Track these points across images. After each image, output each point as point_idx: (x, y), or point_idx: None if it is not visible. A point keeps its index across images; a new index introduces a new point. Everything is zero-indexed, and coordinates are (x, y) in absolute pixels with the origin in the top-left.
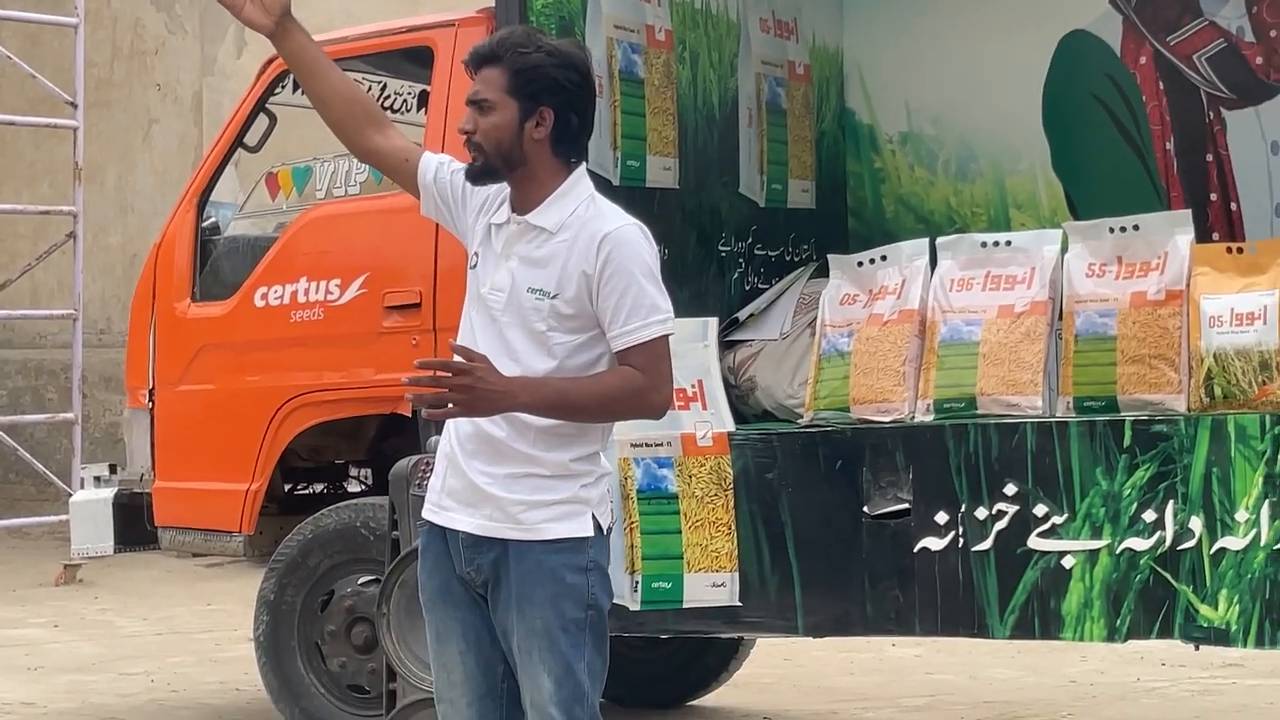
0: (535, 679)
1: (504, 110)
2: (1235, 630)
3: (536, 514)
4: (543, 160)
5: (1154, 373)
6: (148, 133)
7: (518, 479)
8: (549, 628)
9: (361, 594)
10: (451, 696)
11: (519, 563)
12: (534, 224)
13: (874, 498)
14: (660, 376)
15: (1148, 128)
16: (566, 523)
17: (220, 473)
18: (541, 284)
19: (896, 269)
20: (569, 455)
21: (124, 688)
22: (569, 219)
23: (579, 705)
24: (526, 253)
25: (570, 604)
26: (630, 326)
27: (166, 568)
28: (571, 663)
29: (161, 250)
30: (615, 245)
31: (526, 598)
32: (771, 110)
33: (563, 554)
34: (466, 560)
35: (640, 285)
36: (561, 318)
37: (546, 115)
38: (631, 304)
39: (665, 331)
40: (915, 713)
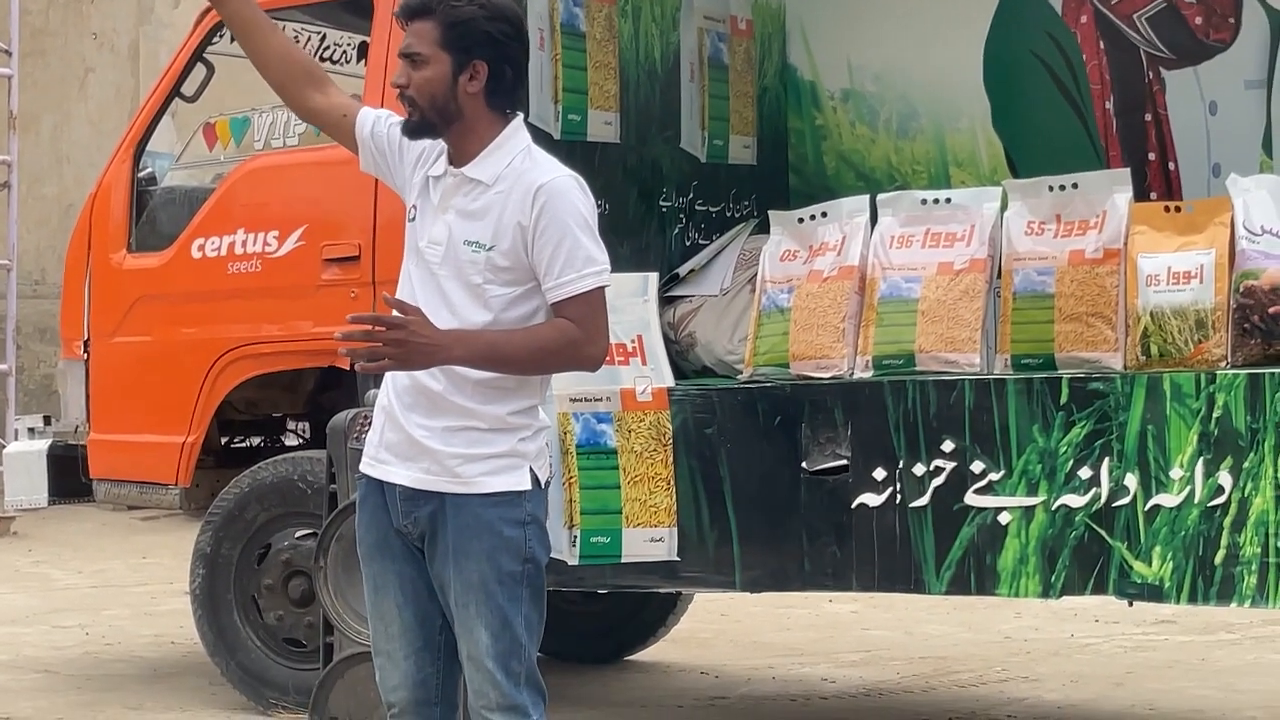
0: (472, 632)
1: (437, 64)
2: (1169, 587)
3: (473, 467)
4: (478, 113)
5: (1091, 331)
6: (84, 82)
7: (455, 432)
8: (485, 581)
9: (298, 547)
10: (389, 649)
11: (456, 516)
12: (470, 176)
13: (812, 454)
14: (596, 329)
15: (1087, 87)
16: (504, 476)
17: (156, 425)
18: (477, 236)
19: (837, 225)
20: (507, 409)
21: (58, 640)
22: (505, 171)
23: (515, 659)
24: (463, 205)
25: (507, 557)
26: (566, 278)
27: (101, 520)
28: (508, 616)
29: (97, 200)
30: (550, 196)
31: (463, 551)
32: (713, 65)
33: (500, 507)
34: (404, 513)
35: (575, 237)
36: (497, 270)
37: (480, 69)
38: (566, 256)
39: (601, 283)
40: (851, 668)
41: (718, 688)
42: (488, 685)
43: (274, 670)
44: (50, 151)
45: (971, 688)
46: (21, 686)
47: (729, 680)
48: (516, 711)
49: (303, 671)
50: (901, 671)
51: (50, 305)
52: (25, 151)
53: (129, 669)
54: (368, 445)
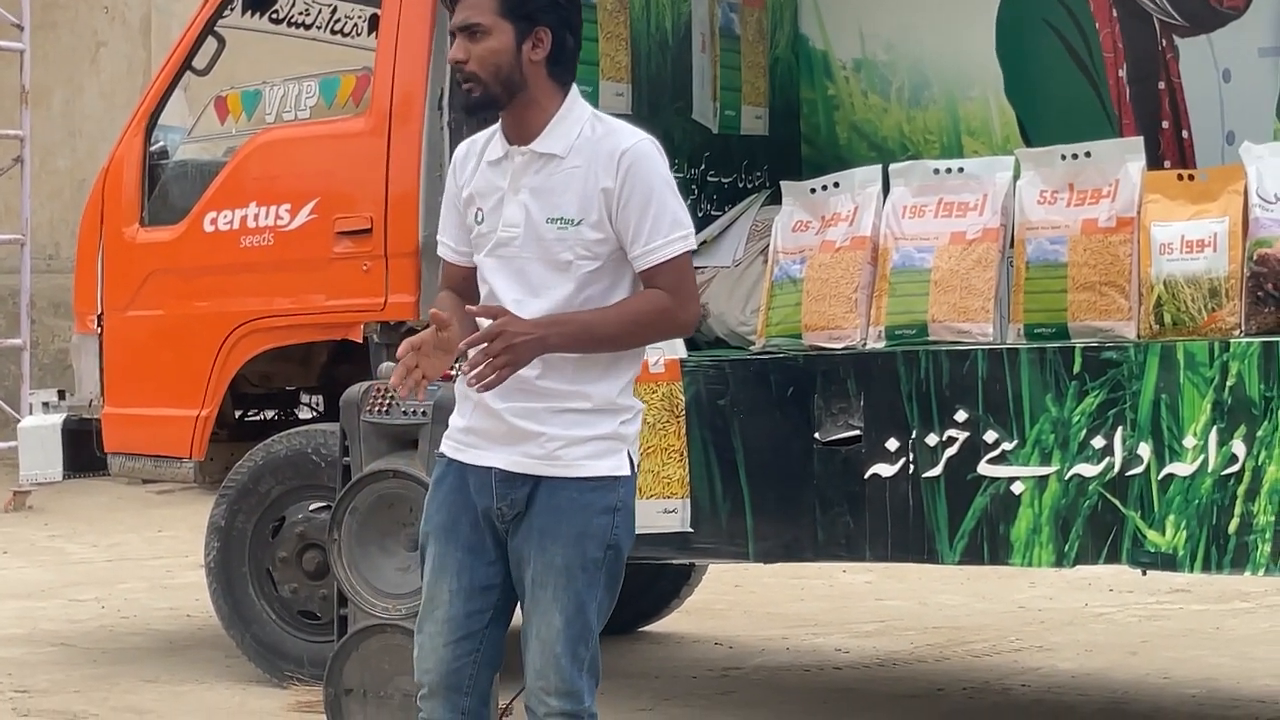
0: (546, 614)
1: (499, 34)
2: (1182, 555)
3: (575, 450)
4: (540, 84)
5: (1104, 300)
6: (95, 55)
7: (556, 414)
8: (569, 565)
9: (312, 520)
10: (431, 631)
11: (550, 497)
12: (541, 152)
13: (825, 424)
14: (687, 294)
15: (1100, 55)
16: (604, 460)
17: (170, 399)
18: (563, 212)
19: (849, 196)
20: (614, 388)
21: (74, 614)
22: (577, 142)
23: (583, 644)
24: (538, 183)
25: (593, 544)
26: (654, 244)
27: (116, 494)
28: (584, 602)
29: (109, 174)
30: (635, 160)
31: (550, 533)
32: (725, 36)
33: (595, 493)
34: (500, 495)
35: (662, 200)
36: (589, 243)
37: (544, 36)
38: (654, 221)
39: (688, 247)
40: (865, 638)
41: (732, 658)
42: (551, 668)
43: (289, 643)
44: (62, 125)
45: (985, 657)
46: (38, 660)
47: (743, 651)
48: (573, 697)
49: (317, 644)
50: (915, 642)
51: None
52: (37, 125)
53: (145, 642)
54: (452, 429)
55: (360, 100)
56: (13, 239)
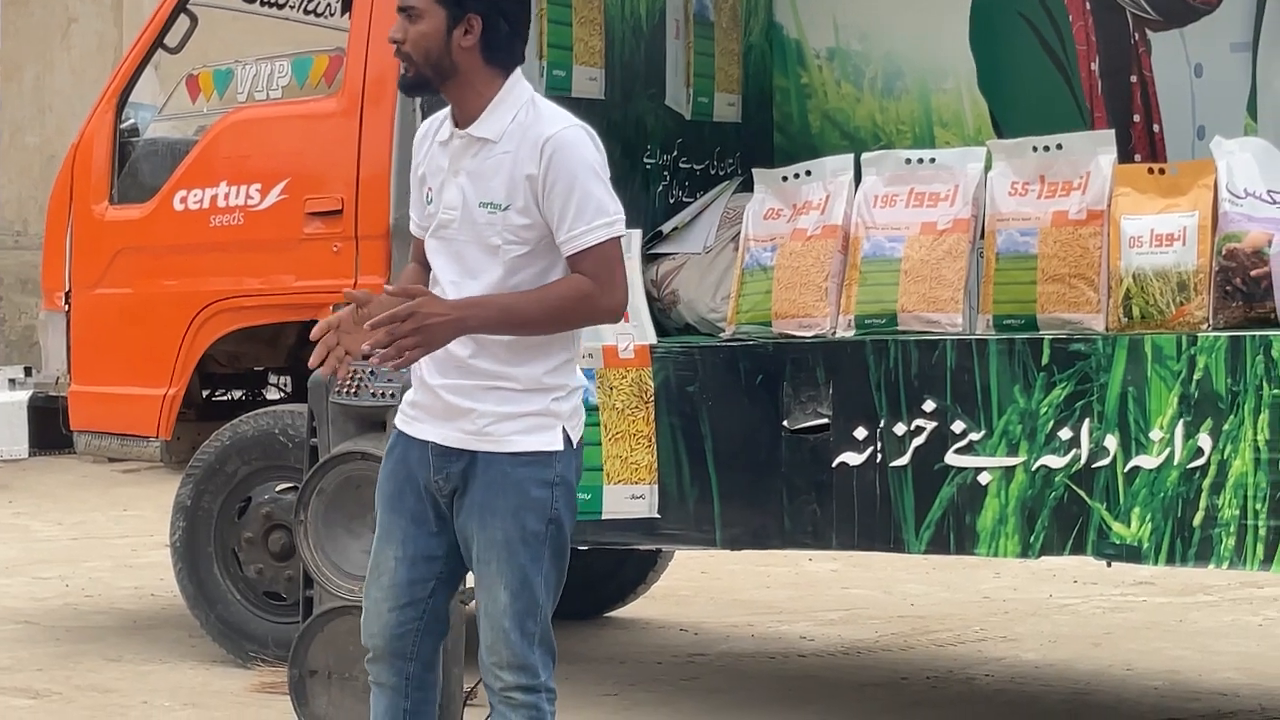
0: (491, 590)
1: (431, 18)
2: (1147, 548)
3: (505, 426)
4: (475, 69)
5: (1073, 292)
6: (66, 31)
7: (487, 391)
8: (509, 540)
9: (279, 501)
10: (378, 596)
11: (485, 472)
12: (477, 136)
13: (794, 412)
14: (611, 280)
15: (1073, 48)
16: (535, 435)
17: (137, 377)
18: (492, 197)
19: (821, 184)
20: (542, 369)
21: (38, 592)
22: (510, 127)
23: (531, 618)
24: (473, 167)
25: (532, 517)
26: (577, 230)
27: (82, 472)
28: (529, 575)
29: (79, 151)
30: (558, 148)
31: (489, 508)
32: (699, 22)
33: (529, 467)
34: (436, 469)
35: (586, 188)
36: (516, 229)
37: (474, 22)
38: (577, 208)
39: (614, 234)
40: (830, 626)
41: (697, 645)
42: (501, 643)
43: (254, 623)
44: (32, 101)
45: (949, 647)
46: (1, 638)
47: (708, 637)
48: (526, 671)
49: (282, 625)
50: (880, 630)
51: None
52: (7, 101)
53: (108, 620)
54: (404, 402)
55: (332, 81)
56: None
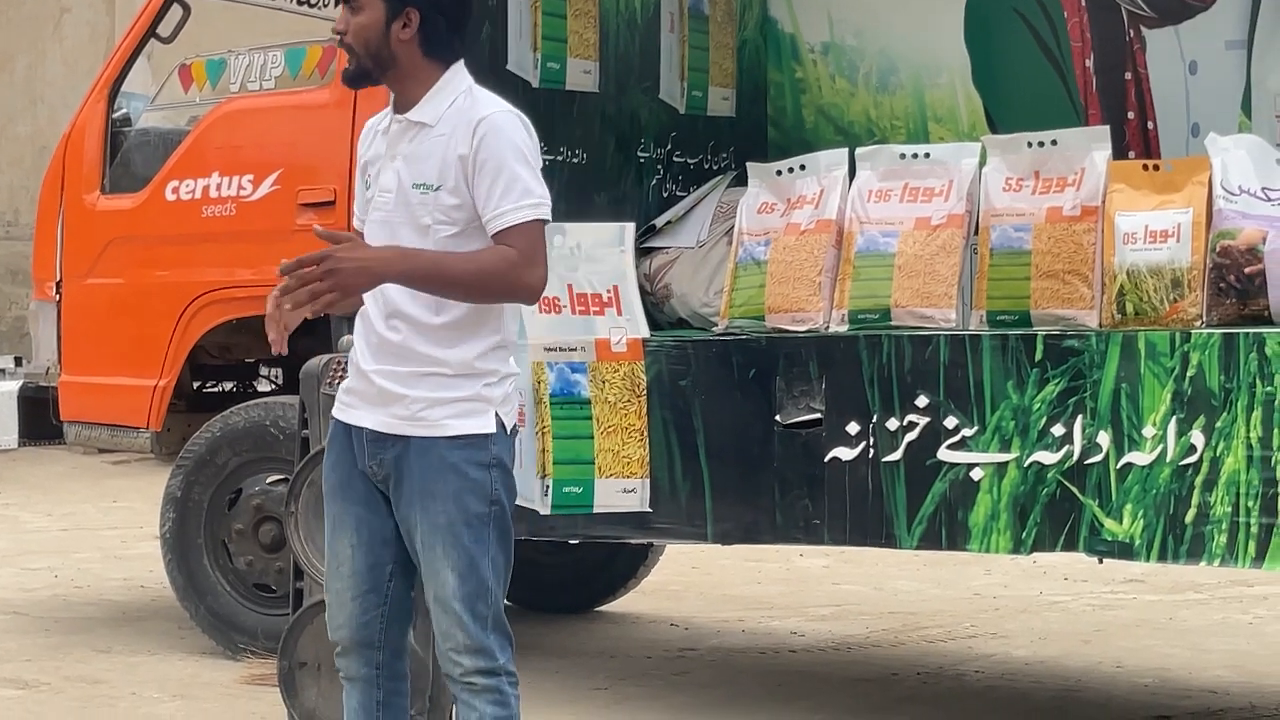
0: (439, 575)
1: (371, 10)
2: (1139, 545)
3: (438, 411)
4: (414, 61)
5: (1067, 288)
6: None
7: (420, 377)
8: (452, 523)
9: (269, 493)
10: (338, 588)
11: (422, 458)
12: (414, 120)
13: (786, 407)
14: (532, 259)
15: (1068, 44)
16: (469, 419)
17: (128, 368)
18: (425, 178)
19: (815, 179)
20: (473, 353)
21: (27, 583)
22: (447, 112)
23: (482, 601)
24: (409, 150)
25: (473, 499)
26: (503, 209)
27: (72, 463)
28: (475, 558)
29: (71, 141)
30: (489, 130)
31: (429, 493)
32: (694, 16)
33: (466, 450)
34: (370, 455)
35: (513, 169)
36: (447, 209)
37: (412, 16)
38: (504, 187)
39: (539, 216)
40: (821, 622)
41: (687, 640)
42: (454, 627)
43: (243, 615)
44: (24, 91)
45: (940, 643)
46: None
47: (698, 632)
48: (483, 654)
49: (272, 617)
50: (871, 626)
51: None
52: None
53: (98, 612)
54: (340, 390)
55: (325, 72)
56: None
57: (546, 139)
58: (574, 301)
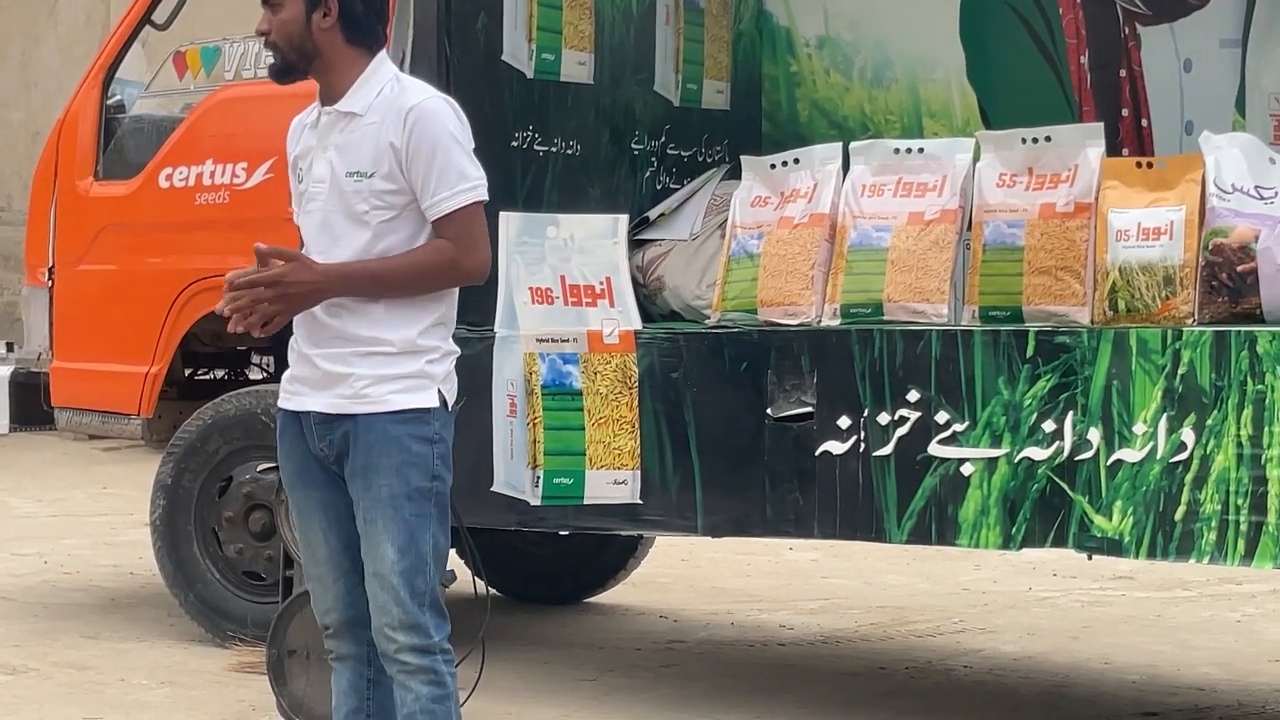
0: (379, 548)
1: (290, 6)
2: (1128, 541)
3: (382, 388)
4: (337, 50)
5: (1059, 284)
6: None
7: (362, 357)
8: (394, 496)
9: (260, 481)
10: (318, 574)
11: (366, 433)
12: (343, 111)
13: (778, 400)
14: (473, 242)
15: (1063, 41)
16: (411, 395)
17: (120, 355)
18: (358, 166)
19: (809, 172)
20: (415, 331)
21: (16, 568)
22: (376, 101)
23: (420, 577)
24: (340, 140)
25: (415, 473)
26: (440, 196)
27: (62, 450)
28: (415, 532)
29: (65, 127)
30: (420, 117)
31: (372, 467)
32: (689, 9)
33: (408, 424)
34: (319, 437)
35: (447, 154)
36: (380, 194)
37: (331, 5)
38: (439, 174)
39: (476, 199)
40: (809, 615)
41: (676, 632)
42: (391, 602)
43: (232, 603)
44: (18, 77)
45: (928, 638)
46: None
47: (687, 625)
48: (418, 631)
49: (261, 605)
50: (859, 620)
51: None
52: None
53: (87, 598)
54: (283, 380)
55: None
56: None
57: (541, 130)
58: (566, 293)
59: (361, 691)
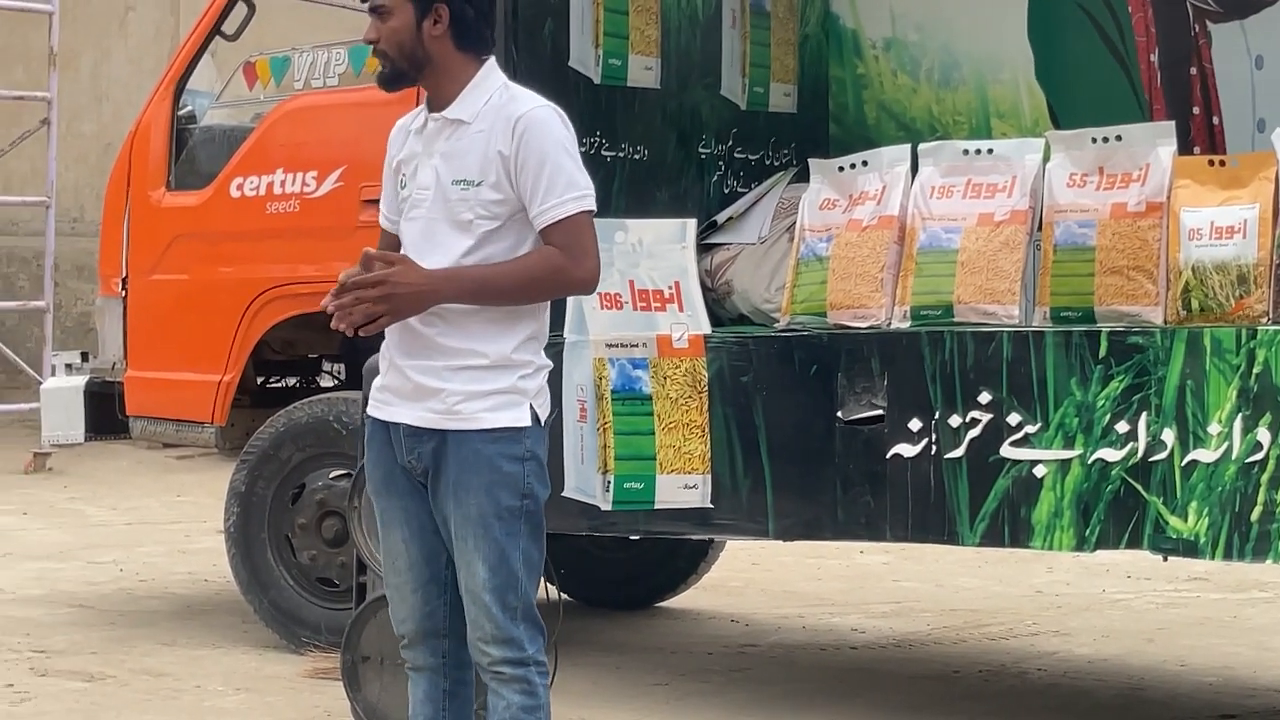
0: (470, 566)
1: (401, 13)
2: (1204, 542)
3: (474, 404)
4: (447, 57)
5: (1131, 284)
6: (124, 20)
7: (456, 371)
8: (484, 515)
9: (332, 488)
10: (397, 583)
11: (457, 451)
12: (451, 118)
13: (848, 403)
14: (582, 252)
15: (1132, 39)
16: (504, 412)
17: (193, 363)
18: (465, 174)
19: (877, 175)
20: (510, 345)
21: (92, 576)
22: (484, 108)
23: (512, 592)
24: (447, 148)
25: (506, 492)
26: (549, 204)
27: (136, 458)
28: (506, 550)
29: (137, 138)
30: (529, 126)
31: (463, 485)
32: (755, 12)
33: (499, 443)
34: (408, 449)
35: (556, 163)
36: (487, 204)
37: (442, 12)
38: (549, 182)
39: (584, 208)
40: (881, 619)
41: (748, 636)
42: (484, 618)
43: (307, 609)
44: (90, 89)
45: (1002, 640)
46: (56, 621)
47: (759, 628)
48: (512, 644)
49: (335, 611)
50: (932, 624)
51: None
52: (64, 89)
53: (162, 605)
54: (373, 388)
55: None
56: (38, 201)
57: (608, 135)
58: (635, 298)
59: (438, 702)
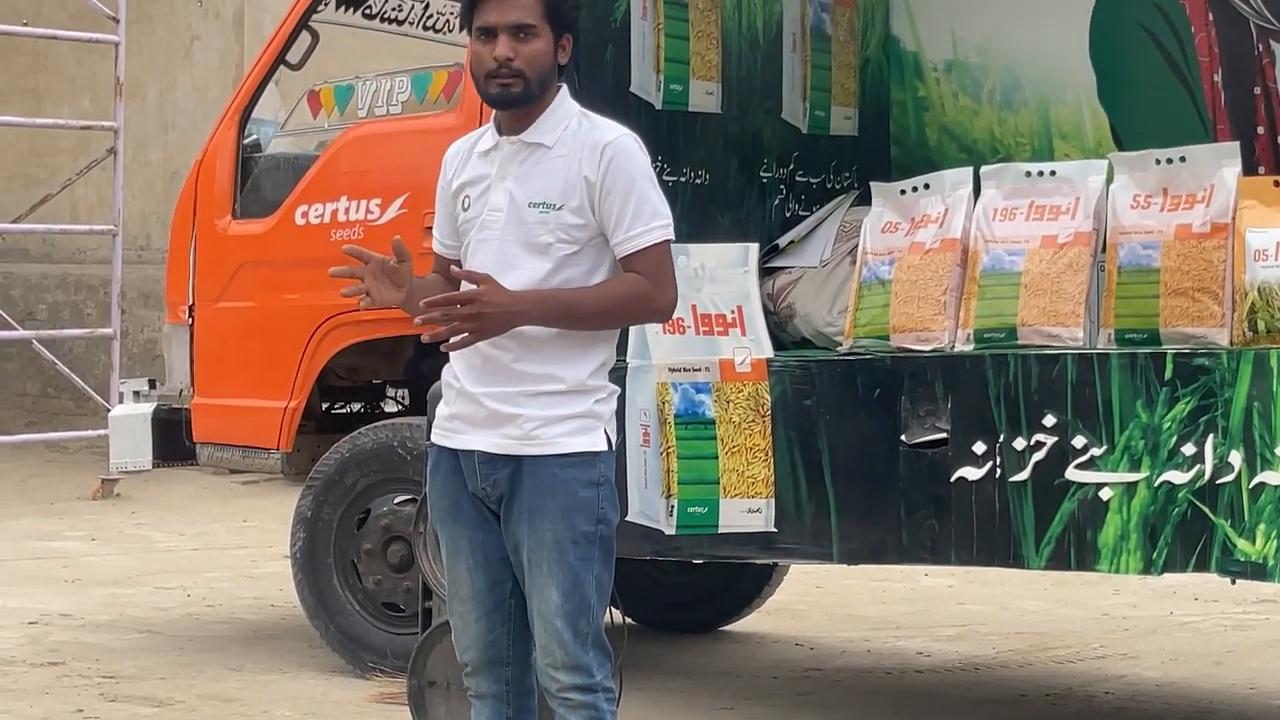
0: (543, 591)
1: (545, 37)
2: (1272, 565)
3: (552, 429)
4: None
5: (1197, 306)
6: (189, 49)
7: (532, 396)
8: (559, 540)
9: (398, 513)
10: (461, 611)
11: (532, 476)
12: (530, 141)
13: (912, 426)
14: (664, 280)
15: (1195, 59)
16: (581, 437)
17: (259, 390)
18: (545, 197)
19: (939, 197)
20: (586, 371)
21: (160, 601)
22: (564, 134)
23: (584, 618)
24: (522, 171)
25: (581, 518)
26: (634, 232)
27: (203, 484)
28: (580, 576)
29: (203, 167)
30: (617, 153)
31: (538, 510)
32: (816, 36)
33: (576, 468)
34: (482, 477)
35: (642, 191)
36: (568, 228)
37: (568, 42)
38: (634, 210)
39: (666, 237)
40: (947, 642)
41: (812, 659)
42: (554, 644)
43: (373, 634)
44: (156, 118)
45: (1069, 664)
46: (125, 646)
47: (824, 652)
48: (581, 671)
49: (401, 636)
50: (998, 647)
51: (154, 270)
52: (131, 118)
53: (230, 630)
54: (438, 416)
55: (451, 96)
56: (105, 230)
57: (670, 160)
58: (698, 322)
59: None
